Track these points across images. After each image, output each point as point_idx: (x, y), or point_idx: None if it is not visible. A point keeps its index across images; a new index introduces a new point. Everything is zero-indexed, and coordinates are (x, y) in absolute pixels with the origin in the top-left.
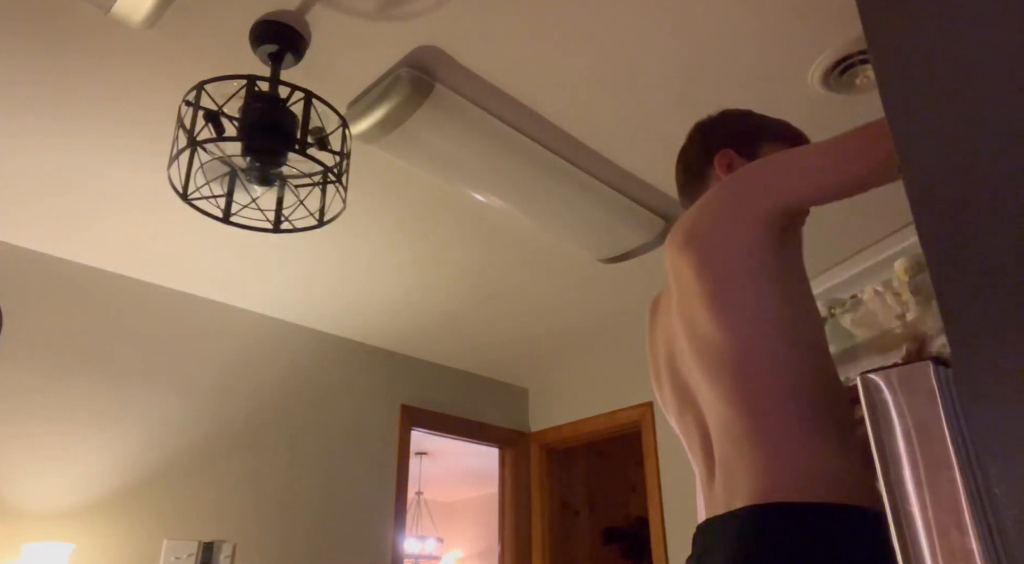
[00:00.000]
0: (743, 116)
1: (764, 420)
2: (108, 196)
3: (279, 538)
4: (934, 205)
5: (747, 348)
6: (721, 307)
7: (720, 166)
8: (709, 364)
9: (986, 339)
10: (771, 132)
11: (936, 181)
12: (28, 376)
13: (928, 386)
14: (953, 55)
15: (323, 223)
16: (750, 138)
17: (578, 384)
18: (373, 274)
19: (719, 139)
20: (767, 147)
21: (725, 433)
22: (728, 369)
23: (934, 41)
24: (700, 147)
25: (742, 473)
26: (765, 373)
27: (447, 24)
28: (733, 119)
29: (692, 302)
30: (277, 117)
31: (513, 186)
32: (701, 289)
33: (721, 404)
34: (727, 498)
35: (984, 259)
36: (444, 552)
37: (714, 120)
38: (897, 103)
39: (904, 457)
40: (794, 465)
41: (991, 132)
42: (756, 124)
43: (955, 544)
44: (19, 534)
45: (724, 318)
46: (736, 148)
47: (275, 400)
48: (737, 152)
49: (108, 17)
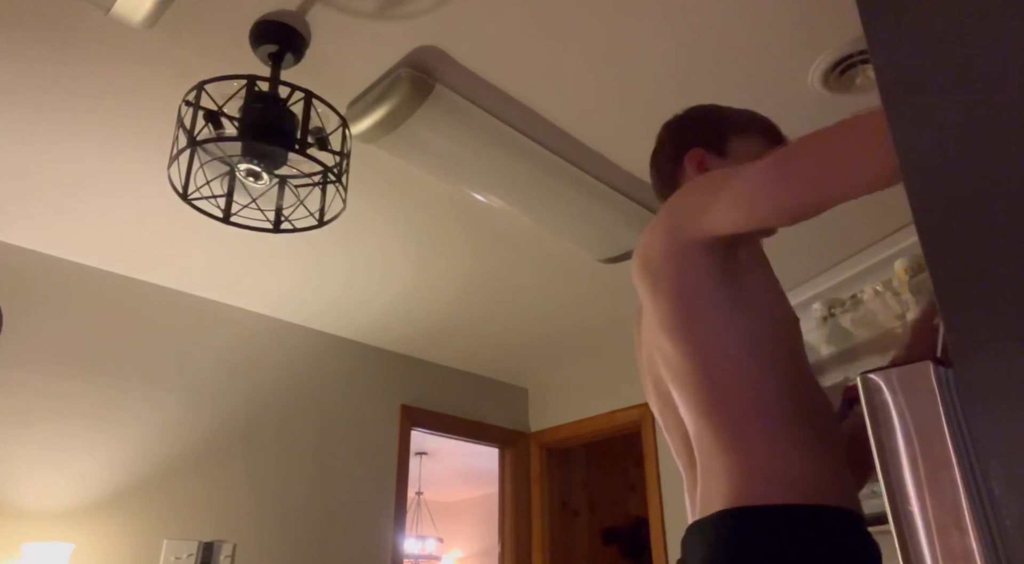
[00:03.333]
0: (709, 112)
1: (732, 431)
2: (108, 196)
3: (279, 538)
4: (934, 205)
5: (708, 367)
6: (678, 333)
7: (691, 165)
8: (678, 385)
9: (986, 339)
10: (739, 125)
11: (936, 181)
12: (28, 376)
13: (928, 386)
14: (953, 55)
15: (323, 223)
16: (719, 134)
17: (578, 384)
18: (373, 274)
19: (687, 138)
20: (735, 140)
21: (699, 442)
22: (692, 386)
23: (934, 41)
24: (669, 149)
25: (716, 479)
26: (729, 393)
27: (447, 24)
28: (700, 116)
29: (654, 325)
30: (277, 117)
31: (513, 186)
32: (657, 314)
33: (692, 415)
34: (704, 503)
35: (984, 259)
36: (444, 552)
37: (680, 119)
38: (897, 103)
39: (904, 457)
40: (763, 470)
41: (992, 132)
42: (723, 119)
43: (955, 544)
44: (19, 534)
45: (682, 342)
46: (706, 145)
47: (275, 400)
48: (707, 149)
49: (108, 17)
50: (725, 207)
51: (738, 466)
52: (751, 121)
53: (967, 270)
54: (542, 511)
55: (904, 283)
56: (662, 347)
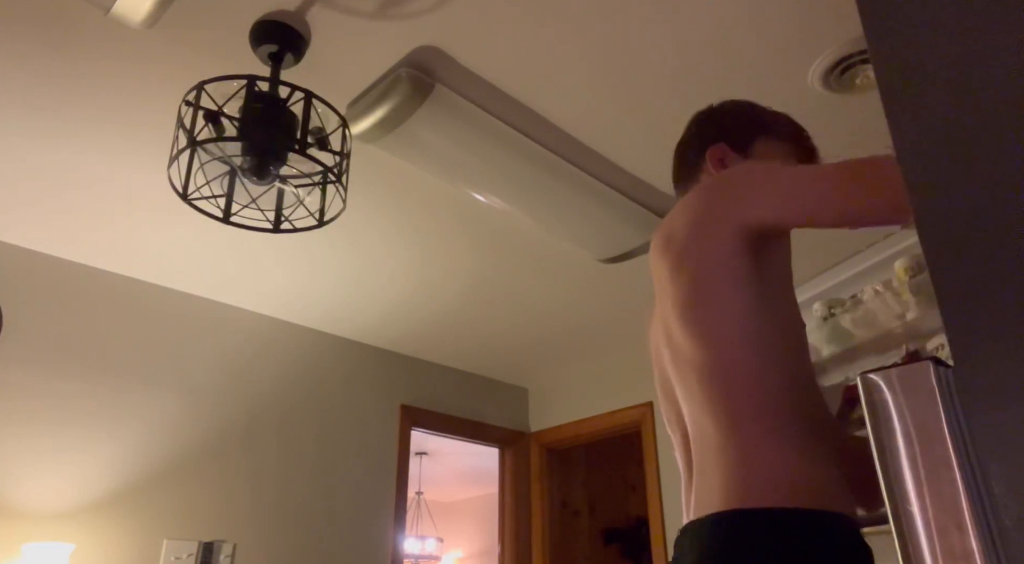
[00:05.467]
0: (742, 109)
1: (735, 430)
2: (108, 196)
3: (279, 538)
4: (934, 205)
5: (717, 359)
6: (693, 315)
7: (712, 160)
8: (684, 373)
9: (986, 339)
10: (767, 128)
11: (936, 181)
12: (28, 376)
13: (928, 386)
14: (953, 55)
15: (323, 223)
16: (744, 133)
17: (578, 384)
18: (373, 274)
19: (713, 132)
20: (761, 142)
21: (699, 440)
22: (699, 379)
23: (934, 41)
24: (695, 139)
25: (714, 479)
26: (734, 384)
27: (447, 24)
28: (730, 112)
29: (668, 308)
30: (277, 117)
31: (513, 186)
32: (675, 294)
33: (695, 412)
34: (701, 503)
35: (984, 259)
36: (444, 552)
37: (712, 111)
38: (897, 103)
39: (904, 457)
40: (763, 473)
41: (992, 132)
42: (753, 118)
43: (955, 544)
44: (19, 534)
45: (696, 327)
46: (729, 142)
47: (275, 400)
48: (730, 146)
49: (108, 17)
50: (777, 198)
51: (736, 463)
52: (784, 125)
53: (967, 270)
54: (542, 511)
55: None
56: (673, 333)
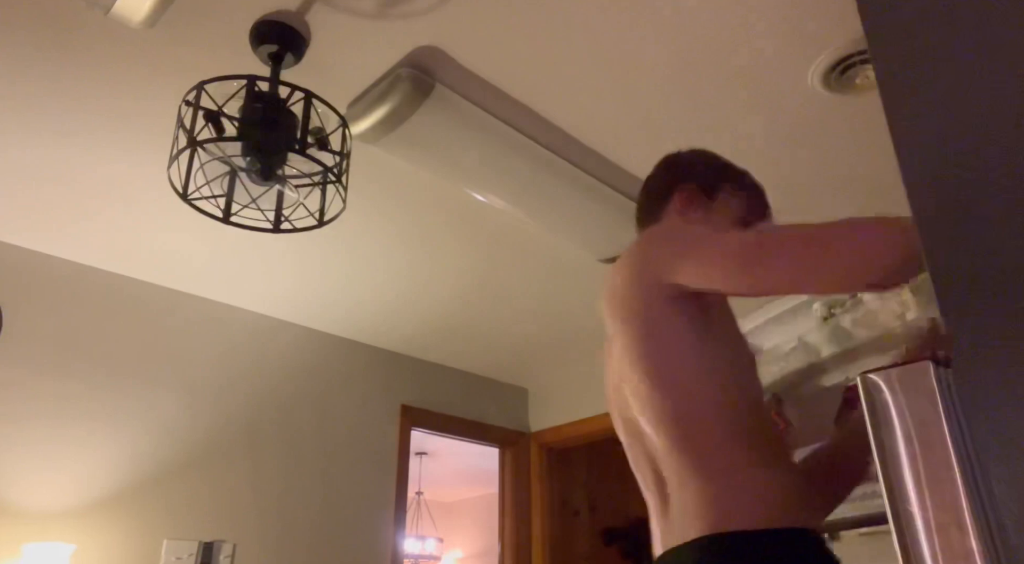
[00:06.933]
0: (711, 157)
1: (704, 457)
2: (108, 196)
3: (279, 538)
4: (934, 205)
5: (675, 405)
6: (644, 365)
7: (680, 199)
8: (645, 411)
9: (986, 339)
10: (733, 178)
11: (936, 181)
12: (28, 376)
13: (928, 386)
14: (953, 55)
15: (323, 223)
16: (714, 178)
17: (578, 384)
18: (373, 274)
19: (684, 172)
20: (726, 190)
21: (672, 469)
22: (663, 418)
23: (934, 41)
24: (664, 179)
25: (694, 505)
26: (697, 416)
27: (447, 24)
28: (701, 157)
29: (622, 353)
30: (277, 117)
31: (513, 185)
32: (625, 343)
33: (661, 443)
34: (682, 529)
35: (984, 260)
36: (444, 552)
37: (681, 155)
38: (897, 103)
39: (904, 457)
40: (737, 495)
41: (991, 132)
42: (722, 166)
43: (955, 544)
44: (19, 534)
45: (649, 377)
46: (699, 183)
47: (275, 400)
48: (699, 188)
49: (108, 17)
50: (700, 266)
51: (713, 491)
52: (745, 178)
53: (967, 270)
54: (542, 511)
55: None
56: (630, 378)
